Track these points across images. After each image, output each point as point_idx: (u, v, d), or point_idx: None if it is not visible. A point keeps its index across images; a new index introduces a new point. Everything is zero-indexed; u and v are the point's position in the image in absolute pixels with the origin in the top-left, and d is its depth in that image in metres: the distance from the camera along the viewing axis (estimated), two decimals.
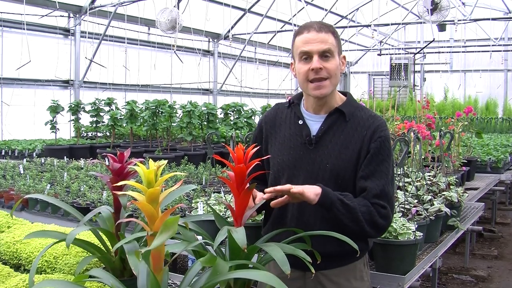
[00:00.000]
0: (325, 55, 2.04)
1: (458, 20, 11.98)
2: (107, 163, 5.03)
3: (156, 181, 1.53)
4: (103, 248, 1.93)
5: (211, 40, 15.95)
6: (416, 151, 4.57)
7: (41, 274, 2.10)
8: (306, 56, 2.05)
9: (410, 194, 3.60)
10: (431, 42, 15.20)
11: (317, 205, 1.91)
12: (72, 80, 11.75)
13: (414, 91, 17.36)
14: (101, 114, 8.91)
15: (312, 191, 1.90)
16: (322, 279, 2.07)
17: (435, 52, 17.67)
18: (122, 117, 8.77)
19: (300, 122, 2.15)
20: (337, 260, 2.07)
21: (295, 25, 12.55)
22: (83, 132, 10.28)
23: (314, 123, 2.14)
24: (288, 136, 2.16)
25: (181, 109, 8.34)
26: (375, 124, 2.08)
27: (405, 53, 17.59)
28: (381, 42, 18.80)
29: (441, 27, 13.54)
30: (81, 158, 7.16)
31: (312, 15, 13.98)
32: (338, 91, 2.21)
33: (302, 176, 2.09)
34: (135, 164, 1.61)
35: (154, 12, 10.91)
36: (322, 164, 2.07)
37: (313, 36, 2.04)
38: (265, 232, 2.15)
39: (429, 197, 3.67)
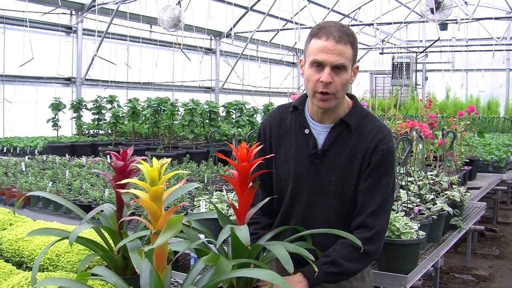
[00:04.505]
0: (337, 68, 1.92)
1: (461, 19, 11.95)
2: (109, 161, 5.03)
3: (159, 179, 1.52)
4: (105, 246, 1.93)
5: (213, 38, 15.93)
6: (418, 150, 4.56)
7: (43, 272, 2.10)
8: (318, 65, 1.94)
9: (413, 193, 3.59)
10: (435, 41, 15.15)
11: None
12: (74, 78, 11.76)
13: (416, 90, 17.33)
14: (103, 111, 8.90)
15: None
16: None
17: (437, 51, 17.64)
18: (124, 115, 8.77)
19: (306, 131, 2.08)
20: None
21: (297, 23, 12.53)
22: (85, 130, 10.28)
23: (320, 133, 2.07)
24: (294, 145, 2.10)
25: (183, 107, 8.33)
26: (379, 136, 2.02)
27: (407, 52, 17.57)
28: (383, 41, 18.78)
29: (443, 26, 13.51)
30: (83, 156, 7.16)
31: (314, 14, 13.97)
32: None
33: (308, 188, 2.07)
34: (138, 162, 1.61)
35: (156, 10, 10.91)
36: (327, 177, 2.04)
37: (330, 46, 1.90)
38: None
39: (432, 196, 3.67)
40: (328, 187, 2.03)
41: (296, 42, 13.55)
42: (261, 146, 1.91)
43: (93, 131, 10.33)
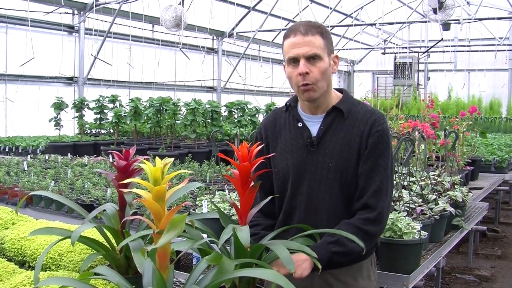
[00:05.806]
0: (312, 58, 2.01)
1: (463, 19, 11.94)
2: (111, 160, 5.03)
3: (162, 179, 1.52)
4: (108, 245, 1.93)
5: (215, 37, 15.93)
6: (420, 150, 4.56)
7: (45, 271, 2.10)
8: (294, 61, 2.04)
9: (415, 194, 3.59)
10: (438, 41, 15.14)
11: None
12: (76, 77, 11.77)
13: (418, 90, 17.32)
14: (105, 111, 8.91)
15: (302, 266, 1.86)
16: (329, 278, 2.07)
17: (440, 51, 17.62)
18: (126, 114, 8.77)
19: (300, 124, 2.13)
20: None
21: None
22: (87, 129, 10.29)
23: (313, 124, 2.12)
24: (289, 140, 2.15)
25: (185, 107, 8.33)
26: (372, 119, 2.07)
27: (410, 52, 17.56)
28: (385, 40, 18.78)
29: (445, 26, 13.50)
30: (85, 155, 7.17)
31: (316, 14, 13.97)
32: (334, 88, 2.19)
33: (307, 178, 2.08)
34: (141, 162, 1.61)
35: (158, 10, 10.90)
36: (325, 164, 2.06)
37: (299, 40, 2.02)
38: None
39: (434, 196, 3.66)
40: (327, 173, 2.06)
41: None
42: (262, 145, 1.93)
43: (95, 131, 10.34)
